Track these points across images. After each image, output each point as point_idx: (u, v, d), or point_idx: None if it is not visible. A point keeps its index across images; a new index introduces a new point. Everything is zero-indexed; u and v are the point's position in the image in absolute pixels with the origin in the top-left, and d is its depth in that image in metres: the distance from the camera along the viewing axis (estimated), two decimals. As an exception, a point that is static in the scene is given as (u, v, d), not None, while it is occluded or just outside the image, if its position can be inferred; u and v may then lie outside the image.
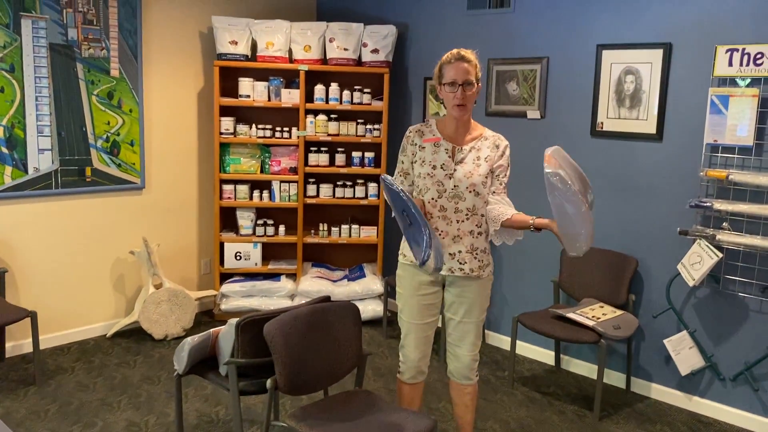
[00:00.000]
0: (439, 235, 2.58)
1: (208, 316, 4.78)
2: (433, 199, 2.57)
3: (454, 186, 2.56)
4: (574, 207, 2.24)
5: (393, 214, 2.72)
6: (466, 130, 2.62)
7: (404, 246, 2.71)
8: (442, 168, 2.58)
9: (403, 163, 2.68)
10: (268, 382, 2.40)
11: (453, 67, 2.50)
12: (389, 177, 2.34)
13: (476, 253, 2.61)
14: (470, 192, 2.56)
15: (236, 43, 4.46)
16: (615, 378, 3.86)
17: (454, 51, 2.53)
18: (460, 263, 2.60)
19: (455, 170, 2.57)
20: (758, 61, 3.13)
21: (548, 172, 2.23)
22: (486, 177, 2.58)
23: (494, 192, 2.62)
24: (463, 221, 2.58)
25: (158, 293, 4.25)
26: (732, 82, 3.25)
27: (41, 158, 3.96)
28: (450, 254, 2.60)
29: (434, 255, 2.24)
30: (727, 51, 3.21)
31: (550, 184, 2.24)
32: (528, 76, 4.07)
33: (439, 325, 4.32)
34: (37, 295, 4.07)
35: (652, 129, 3.57)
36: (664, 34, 3.50)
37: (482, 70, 4.15)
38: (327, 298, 2.77)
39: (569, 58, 3.89)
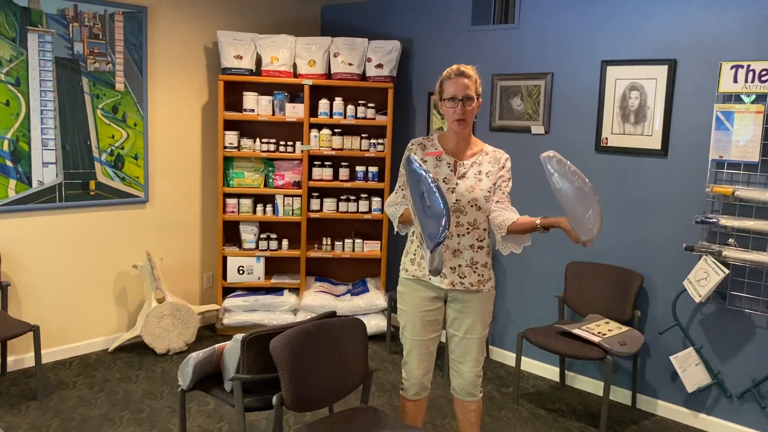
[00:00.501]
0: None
1: (210, 331, 4.75)
2: None
3: (456, 200, 2.57)
4: (576, 186, 2.22)
5: (395, 230, 2.71)
6: (467, 145, 2.64)
7: (406, 261, 2.70)
8: (444, 182, 2.58)
9: (404, 175, 2.67)
10: (274, 399, 2.38)
11: (453, 83, 2.52)
12: (417, 159, 2.34)
13: (476, 267, 2.61)
14: (472, 206, 2.56)
15: (241, 57, 4.47)
16: (621, 395, 3.83)
17: (454, 67, 2.55)
18: (461, 277, 2.59)
19: (457, 184, 2.57)
20: (763, 78, 3.13)
21: (544, 156, 2.26)
22: (488, 191, 2.59)
23: (498, 201, 2.60)
24: (463, 235, 2.58)
25: (161, 307, 4.23)
26: (737, 98, 3.26)
27: (45, 171, 3.96)
28: (451, 268, 2.59)
29: (438, 255, 2.22)
30: (731, 67, 3.22)
31: (549, 169, 2.25)
32: (532, 91, 4.08)
33: (442, 340, 4.30)
34: (39, 309, 4.05)
35: (657, 145, 3.57)
36: (668, 50, 3.51)
37: (486, 86, 4.20)
38: (333, 314, 2.76)
39: (574, 73, 3.90)
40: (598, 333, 3.46)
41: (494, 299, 2.72)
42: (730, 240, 3.32)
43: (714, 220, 3.29)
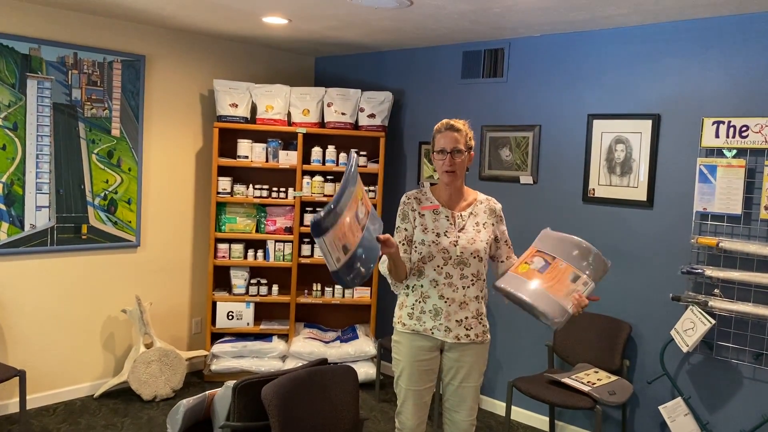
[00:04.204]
0: (445, 302, 2.60)
1: (197, 377, 4.70)
2: (438, 266, 2.60)
3: (460, 252, 2.60)
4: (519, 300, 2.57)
5: (391, 288, 2.71)
6: (460, 197, 2.70)
7: (402, 314, 2.68)
8: (446, 235, 2.61)
9: (406, 230, 2.68)
10: (265, 447, 2.37)
11: (443, 136, 2.61)
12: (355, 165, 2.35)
13: (481, 318, 2.64)
14: (475, 258, 2.61)
15: (236, 105, 4.56)
16: (610, 445, 3.82)
17: (444, 121, 2.64)
18: (467, 329, 2.61)
19: (459, 237, 2.61)
20: (744, 134, 3.25)
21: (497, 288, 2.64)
22: (487, 243, 2.64)
23: (508, 257, 2.74)
24: (468, 287, 2.61)
25: (148, 353, 4.19)
26: (719, 152, 3.36)
27: (38, 215, 3.97)
28: (457, 321, 2.60)
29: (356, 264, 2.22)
30: (713, 123, 3.33)
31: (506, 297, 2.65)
32: (521, 142, 4.18)
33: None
34: (25, 353, 4.00)
35: (642, 196, 3.66)
36: (652, 105, 3.64)
37: (476, 136, 4.30)
38: (324, 361, 2.76)
39: (561, 126, 4.02)
40: (588, 382, 3.47)
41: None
42: (715, 290, 3.38)
43: (699, 270, 3.35)
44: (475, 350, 2.65)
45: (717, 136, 3.33)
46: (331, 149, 4.72)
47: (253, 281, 4.73)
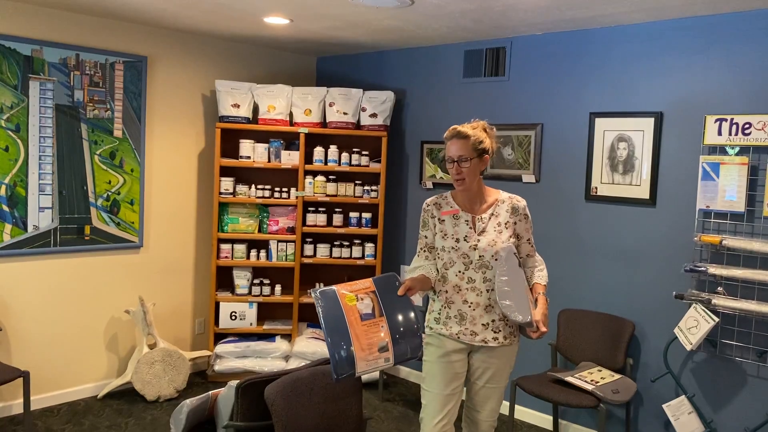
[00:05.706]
0: (470, 306, 2.58)
1: (201, 377, 4.71)
2: (460, 272, 2.58)
3: (480, 256, 2.57)
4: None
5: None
6: (481, 199, 2.65)
7: (429, 319, 2.68)
8: (465, 240, 2.59)
9: (426, 237, 2.68)
10: (268, 447, 2.37)
11: (451, 144, 2.57)
12: (320, 300, 2.29)
13: (507, 320, 2.62)
14: (496, 260, 2.57)
15: (238, 106, 4.56)
16: (614, 444, 3.81)
17: (452, 128, 2.59)
18: (495, 332, 2.59)
19: (479, 241, 2.58)
20: (746, 131, 3.24)
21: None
22: (508, 241, 2.60)
23: (528, 255, 2.68)
24: (492, 290, 2.58)
25: (152, 353, 4.20)
26: (722, 150, 3.36)
27: (41, 216, 3.98)
28: (483, 324, 2.58)
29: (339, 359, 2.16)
30: (716, 120, 3.33)
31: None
32: (523, 141, 4.18)
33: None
34: (28, 354, 4.01)
35: (645, 194, 3.65)
36: (654, 103, 3.63)
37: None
38: (327, 361, 2.76)
39: (563, 124, 4.01)
40: (591, 381, 3.46)
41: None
42: (719, 288, 3.37)
43: (703, 268, 3.34)
44: (503, 353, 2.63)
45: (720, 133, 3.32)
46: (333, 149, 4.72)
47: (256, 281, 4.74)
